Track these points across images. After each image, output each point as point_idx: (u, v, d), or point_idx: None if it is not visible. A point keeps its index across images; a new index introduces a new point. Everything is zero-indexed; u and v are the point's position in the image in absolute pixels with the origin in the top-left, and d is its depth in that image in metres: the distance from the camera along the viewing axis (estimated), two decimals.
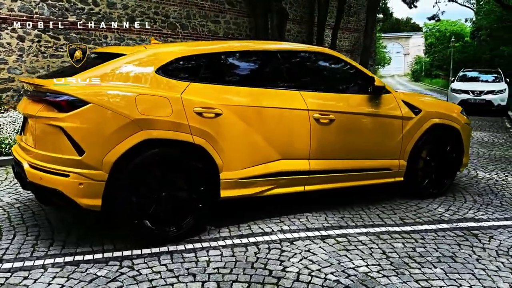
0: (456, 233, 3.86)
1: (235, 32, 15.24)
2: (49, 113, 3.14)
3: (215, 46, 3.88)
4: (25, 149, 3.40)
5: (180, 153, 3.41)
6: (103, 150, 3.14)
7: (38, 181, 3.19)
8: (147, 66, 3.46)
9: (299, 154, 3.93)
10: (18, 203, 4.38)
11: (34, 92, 3.35)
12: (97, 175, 3.14)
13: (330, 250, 3.39)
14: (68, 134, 3.09)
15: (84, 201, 3.16)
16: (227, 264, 3.11)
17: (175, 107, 3.37)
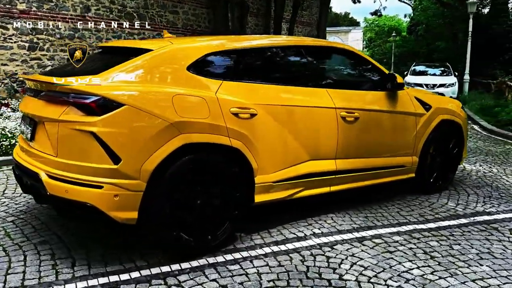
0: (477, 228, 3.93)
1: (194, 24, 14.79)
2: (76, 117, 2.75)
3: (245, 42, 3.62)
4: (39, 157, 2.97)
5: (219, 157, 3.15)
6: (142, 157, 2.81)
7: (62, 194, 2.79)
8: (177, 62, 3.14)
9: (327, 154, 3.80)
10: (11, 216, 3.87)
11: (50, 92, 2.92)
12: (135, 185, 2.81)
13: (374, 254, 3.30)
14: (101, 140, 2.72)
15: (119, 214, 2.81)
16: (280, 276, 2.92)
17: (212, 108, 3.10)
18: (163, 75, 3.05)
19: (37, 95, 3.08)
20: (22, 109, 3.29)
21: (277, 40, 3.95)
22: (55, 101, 2.87)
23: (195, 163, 3.03)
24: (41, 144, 2.99)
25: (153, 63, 3.06)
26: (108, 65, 3.07)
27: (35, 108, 3.04)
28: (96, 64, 3.31)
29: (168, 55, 3.15)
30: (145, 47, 3.20)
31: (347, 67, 4.37)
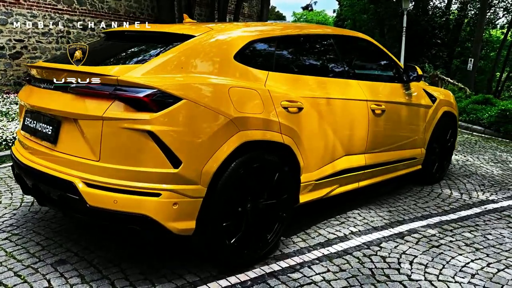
0: (493, 216, 4.04)
1: (137, 11, 13.93)
2: (125, 114, 2.30)
3: (285, 29, 3.32)
4: (69, 162, 2.46)
5: (272, 156, 2.86)
6: (203, 159, 2.45)
7: (109, 206, 2.33)
8: (223, 51, 2.78)
9: (359, 148, 3.66)
10: (1, 232, 3.24)
11: (87, 84, 2.42)
12: (195, 190, 2.44)
13: (423, 250, 3.22)
14: (160, 140, 2.31)
15: (177, 225, 2.43)
16: (350, 281, 2.72)
17: (266, 102, 2.80)
18: (210, 65, 2.68)
19: (60, 87, 2.56)
20: (32, 103, 2.73)
21: (314, 28, 3.70)
22: (94, 95, 2.38)
23: (251, 163, 2.71)
24: (72, 146, 2.47)
25: (199, 51, 2.68)
26: (143, 54, 2.64)
27: (59, 104, 2.51)
28: (123, 52, 2.85)
29: (214, 42, 2.78)
30: (183, 33, 2.79)
31: (370, 58, 4.25)
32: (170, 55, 2.54)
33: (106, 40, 3.30)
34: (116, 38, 3.27)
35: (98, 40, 3.41)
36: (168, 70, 2.47)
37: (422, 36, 22.06)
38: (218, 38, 2.81)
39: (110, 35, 3.36)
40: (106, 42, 3.22)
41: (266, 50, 3.07)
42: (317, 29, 3.71)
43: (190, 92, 2.42)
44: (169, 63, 2.50)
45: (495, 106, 9.38)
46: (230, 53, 2.79)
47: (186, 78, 2.49)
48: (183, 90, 2.40)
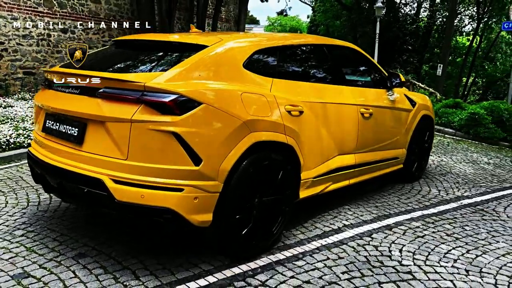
0: (468, 210, 4.45)
1: (117, 14, 13.98)
2: (153, 117, 2.54)
3: (283, 40, 3.62)
4: (97, 161, 2.67)
5: (278, 155, 3.14)
6: (220, 158, 2.71)
7: (136, 200, 2.57)
8: (234, 59, 3.06)
9: (350, 148, 3.99)
10: (17, 229, 3.40)
11: (115, 89, 2.64)
12: (213, 186, 2.70)
13: (410, 240, 3.57)
14: (183, 140, 2.56)
15: (197, 217, 2.68)
16: (349, 267, 3.03)
17: (272, 106, 3.09)
18: (223, 72, 2.95)
19: (86, 92, 2.77)
20: (56, 106, 2.92)
21: (308, 38, 4.01)
22: (123, 99, 2.61)
23: (260, 162, 2.99)
24: (98, 146, 2.69)
25: (213, 59, 2.94)
26: (164, 62, 2.89)
27: (86, 107, 2.72)
28: (144, 60, 3.09)
29: (225, 51, 3.05)
30: (197, 43, 3.05)
31: (358, 66, 4.59)
32: (190, 63, 2.80)
33: (118, 47, 3.52)
34: (129, 47, 3.49)
35: (109, 48, 3.61)
36: (188, 77, 2.73)
37: (394, 42, 22.89)
38: (228, 47, 3.08)
39: (120, 43, 3.57)
40: (121, 50, 3.44)
41: (269, 58, 3.36)
42: (313, 40, 4.03)
43: (209, 97, 2.68)
44: (189, 70, 2.76)
45: (464, 110, 9.97)
46: (239, 61, 3.06)
47: (205, 84, 2.75)
48: (203, 95, 2.66)
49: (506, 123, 8.97)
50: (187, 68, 2.77)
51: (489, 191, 5.28)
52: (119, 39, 3.63)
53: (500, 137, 8.92)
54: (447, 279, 2.93)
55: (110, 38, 13.67)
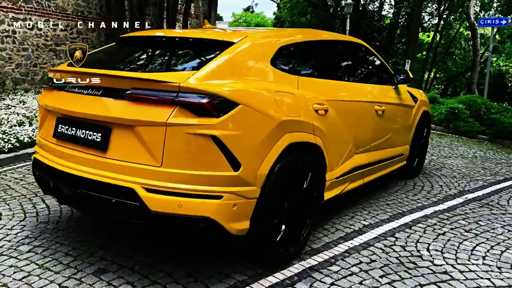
0: (476, 205, 4.49)
1: (85, 10, 13.38)
2: (190, 119, 2.34)
3: (307, 36, 3.47)
4: (126, 169, 2.44)
5: (308, 156, 3.01)
6: (258, 161, 2.55)
7: (173, 210, 2.36)
8: (261, 56, 2.89)
9: (365, 147, 3.92)
10: (23, 245, 3.10)
11: (146, 91, 2.41)
12: (252, 191, 2.54)
13: (433, 237, 3.54)
14: (223, 144, 2.38)
15: (235, 225, 2.51)
16: (385, 270, 2.94)
17: (302, 105, 2.95)
18: (253, 70, 2.79)
19: (109, 93, 2.53)
20: (72, 110, 2.65)
21: (324, 35, 3.87)
22: (155, 101, 2.39)
23: (292, 164, 2.84)
24: (126, 153, 2.46)
25: (243, 56, 2.77)
26: (193, 60, 2.71)
27: (112, 111, 2.48)
28: (168, 59, 2.87)
29: (252, 47, 2.88)
30: (223, 39, 2.86)
31: (367, 62, 4.51)
32: (220, 61, 2.61)
33: (128, 45, 3.27)
34: (142, 44, 3.24)
35: (116, 46, 3.34)
36: (222, 76, 2.54)
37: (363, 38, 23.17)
38: (255, 44, 2.91)
39: (129, 41, 3.32)
40: (133, 47, 3.20)
41: (293, 55, 3.22)
42: (328, 36, 3.91)
43: (245, 97, 2.51)
44: (221, 69, 2.57)
45: (442, 104, 10.19)
46: (267, 58, 2.90)
47: (240, 84, 2.57)
48: (239, 96, 2.48)
49: (483, 117, 9.23)
50: (219, 67, 2.58)
51: (486, 184, 5.36)
52: (126, 36, 3.37)
53: (479, 131, 9.17)
54: (483, 278, 2.90)
55: (78, 35, 13.10)
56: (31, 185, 4.51)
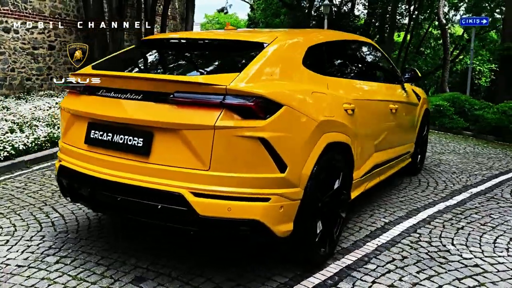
0: (482, 199, 4.62)
1: (62, 12, 13.03)
2: (238, 122, 2.31)
3: (330, 37, 3.48)
4: (171, 174, 2.39)
5: (339, 156, 3.02)
6: (301, 162, 2.54)
7: (222, 214, 2.33)
8: (294, 57, 2.88)
9: (383, 145, 3.97)
10: (49, 256, 2.98)
11: (190, 93, 2.36)
12: (296, 193, 2.53)
13: (454, 232, 3.62)
14: (270, 146, 2.36)
15: (281, 228, 2.50)
16: (419, 266, 2.99)
17: (334, 105, 2.97)
18: (288, 71, 2.77)
19: (149, 97, 2.47)
20: (108, 114, 2.57)
21: (344, 35, 3.89)
22: (202, 104, 2.34)
23: (329, 163, 2.85)
24: (171, 157, 2.40)
25: (278, 58, 2.76)
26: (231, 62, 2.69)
27: (152, 114, 2.42)
28: (205, 61, 2.83)
29: (286, 48, 2.87)
30: (255, 40, 2.84)
31: (378, 61, 4.57)
32: (260, 63, 2.59)
33: (153, 48, 3.20)
34: (169, 47, 3.17)
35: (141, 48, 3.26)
36: (263, 77, 2.53)
37: None
38: (288, 44, 2.91)
39: (153, 44, 3.25)
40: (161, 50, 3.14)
41: (320, 55, 3.22)
42: (347, 36, 3.94)
43: (288, 98, 2.50)
44: (261, 70, 2.55)
45: None
46: (299, 59, 2.90)
47: (281, 85, 2.56)
48: (283, 97, 2.47)
49: (468, 114, 9.52)
50: (260, 68, 2.56)
51: (485, 178, 5.53)
52: (149, 39, 3.29)
53: (464, 127, 9.45)
54: None
55: (56, 38, 12.74)
56: (36, 194, 4.34)
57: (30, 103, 9.13)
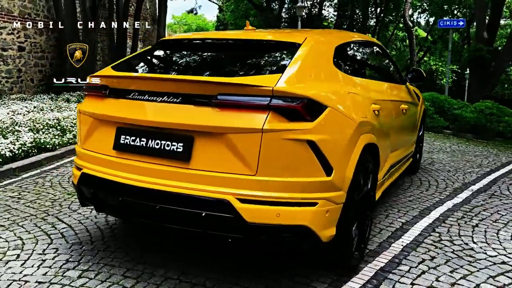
0: (485, 196, 4.72)
1: (32, 12, 12.49)
2: (287, 124, 2.23)
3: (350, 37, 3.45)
4: (210, 180, 2.28)
5: (369, 156, 2.99)
6: (345, 165, 2.49)
7: (271, 221, 2.24)
8: (326, 57, 2.82)
9: (397, 145, 3.98)
10: (69, 270, 2.79)
11: (235, 95, 2.26)
12: (340, 196, 2.47)
13: (469, 230, 3.67)
14: (318, 149, 2.29)
15: (326, 232, 2.43)
16: (450, 265, 2.99)
17: (365, 106, 2.93)
18: (322, 71, 2.72)
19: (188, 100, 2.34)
20: (143, 118, 2.43)
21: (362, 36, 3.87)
22: (247, 106, 2.24)
23: (363, 165, 2.81)
24: (214, 162, 2.28)
25: (314, 58, 2.70)
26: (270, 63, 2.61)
27: (193, 118, 2.30)
28: (242, 62, 2.73)
29: (318, 49, 2.81)
30: (287, 40, 2.77)
31: (386, 61, 4.58)
32: (299, 64, 2.52)
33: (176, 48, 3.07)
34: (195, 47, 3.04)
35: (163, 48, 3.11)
36: (304, 78, 2.47)
37: None
38: (319, 44, 2.85)
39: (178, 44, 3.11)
40: (193, 51, 3.01)
41: (345, 56, 3.19)
42: (362, 37, 3.93)
43: (330, 99, 2.44)
44: (301, 71, 2.49)
45: None
46: (330, 59, 2.85)
47: (323, 86, 2.50)
48: (326, 98, 2.41)
49: (447, 113, 9.78)
50: (300, 69, 2.49)
51: (480, 176, 5.68)
52: (171, 39, 3.15)
53: (444, 126, 9.70)
54: None
55: (26, 39, 12.19)
56: (34, 204, 4.09)
57: (5, 108, 8.66)
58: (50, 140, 6.02)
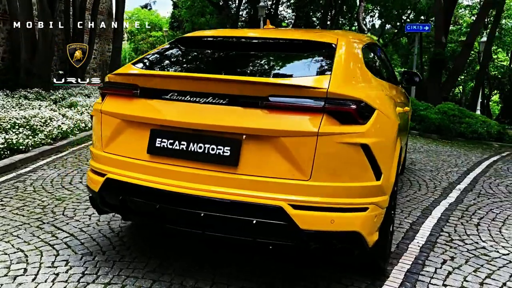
0: (474, 194, 4.91)
1: None
2: (340, 127, 2.16)
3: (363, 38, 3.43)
4: (260, 185, 2.17)
5: None
6: (391, 168, 2.46)
7: (325, 227, 2.17)
8: (358, 59, 2.79)
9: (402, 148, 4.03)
10: (89, 284, 2.57)
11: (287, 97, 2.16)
12: (385, 201, 2.44)
13: (475, 228, 3.78)
14: (370, 152, 2.24)
15: (372, 238, 2.39)
16: (471, 264, 3.06)
17: (395, 108, 2.93)
18: (361, 73, 2.67)
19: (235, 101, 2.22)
20: (185, 120, 2.27)
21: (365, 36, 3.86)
22: (301, 109, 2.15)
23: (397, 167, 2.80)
24: (264, 167, 2.17)
25: (352, 60, 2.66)
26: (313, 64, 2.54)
27: (241, 120, 2.17)
28: (281, 62, 2.62)
29: (351, 50, 2.77)
30: (322, 41, 2.71)
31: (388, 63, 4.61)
32: (342, 65, 2.46)
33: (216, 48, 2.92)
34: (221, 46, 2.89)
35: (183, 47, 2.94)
36: (349, 80, 2.42)
37: None
38: (352, 45, 2.81)
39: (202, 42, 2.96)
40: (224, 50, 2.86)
41: (368, 57, 3.17)
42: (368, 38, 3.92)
43: (376, 102, 2.40)
44: (346, 73, 2.43)
45: None
46: (362, 60, 2.81)
47: (365, 87, 2.47)
48: (375, 101, 2.37)
49: (413, 114, 10.12)
50: (345, 71, 2.43)
51: (460, 175, 5.92)
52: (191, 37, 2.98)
53: (411, 126, 10.03)
54: None
55: None
56: (23, 211, 3.76)
57: None
58: (23, 141, 5.58)
